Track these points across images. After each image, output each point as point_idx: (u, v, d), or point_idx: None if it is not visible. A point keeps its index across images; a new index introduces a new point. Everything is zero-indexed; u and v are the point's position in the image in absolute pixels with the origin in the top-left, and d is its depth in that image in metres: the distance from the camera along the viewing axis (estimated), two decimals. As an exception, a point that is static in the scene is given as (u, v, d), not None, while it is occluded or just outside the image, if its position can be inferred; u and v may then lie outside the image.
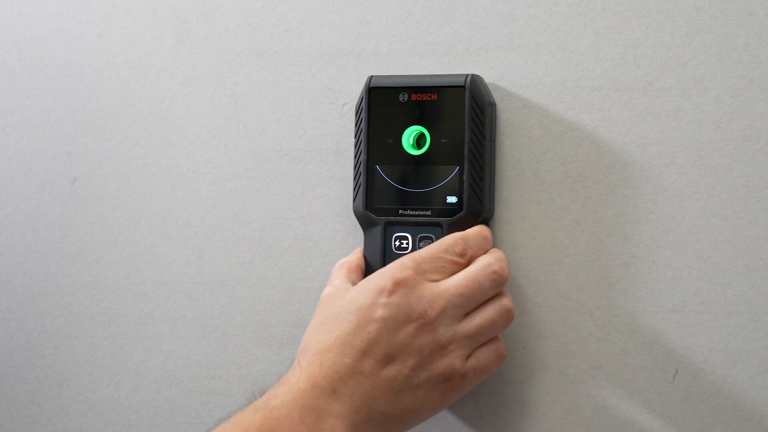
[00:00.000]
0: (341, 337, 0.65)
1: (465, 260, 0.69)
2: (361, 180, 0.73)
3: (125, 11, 0.84)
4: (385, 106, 0.73)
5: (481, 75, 0.74)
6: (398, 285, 0.65)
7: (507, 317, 0.68)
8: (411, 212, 0.72)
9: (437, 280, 0.67)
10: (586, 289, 0.73)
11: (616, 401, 0.72)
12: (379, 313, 0.65)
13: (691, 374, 0.71)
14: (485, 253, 0.70)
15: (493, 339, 0.69)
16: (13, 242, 0.86)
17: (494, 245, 0.74)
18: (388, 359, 0.64)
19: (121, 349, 0.83)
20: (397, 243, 0.73)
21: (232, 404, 0.80)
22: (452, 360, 0.65)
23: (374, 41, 0.78)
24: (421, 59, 0.77)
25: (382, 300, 0.65)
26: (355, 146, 0.74)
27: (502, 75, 0.75)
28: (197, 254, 0.81)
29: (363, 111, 0.74)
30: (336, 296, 0.69)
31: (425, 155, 0.72)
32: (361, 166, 0.73)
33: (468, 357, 0.67)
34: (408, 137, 0.73)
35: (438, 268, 0.67)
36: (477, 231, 0.70)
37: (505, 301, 0.69)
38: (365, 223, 0.74)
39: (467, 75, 0.72)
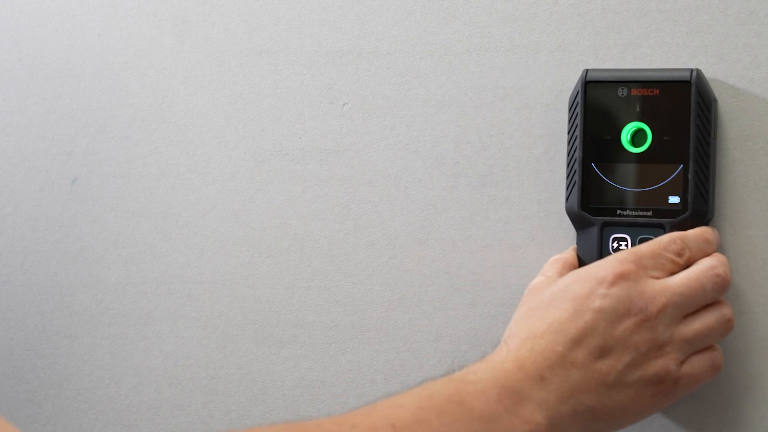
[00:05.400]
0: (554, 324, 0.62)
1: (682, 261, 0.66)
2: (576, 178, 0.70)
3: (125, 11, 0.84)
4: (603, 100, 0.70)
5: (483, 75, 0.74)
6: (619, 277, 0.63)
7: (726, 326, 0.65)
8: (630, 212, 0.69)
9: (657, 278, 0.64)
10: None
11: (616, 401, 0.72)
12: (597, 303, 0.62)
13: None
14: (705, 256, 0.66)
15: (709, 347, 0.65)
16: (13, 242, 0.85)
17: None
18: (603, 352, 0.61)
19: (121, 349, 0.83)
20: (615, 245, 0.69)
21: (232, 404, 0.80)
22: (667, 362, 0.62)
23: (374, 41, 0.78)
24: (421, 59, 0.77)
25: (601, 291, 0.62)
26: (569, 143, 0.71)
27: (502, 74, 0.75)
28: (197, 254, 0.81)
29: (578, 106, 0.70)
30: (547, 285, 0.66)
31: (646, 153, 0.69)
32: (576, 163, 0.70)
33: (683, 362, 0.64)
34: (626, 134, 0.70)
35: (658, 265, 0.65)
36: (698, 233, 0.67)
37: (726, 310, 0.65)
38: (580, 223, 0.70)
39: (692, 69, 0.68)
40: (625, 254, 0.64)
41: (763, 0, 0.70)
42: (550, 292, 0.65)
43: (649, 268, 0.64)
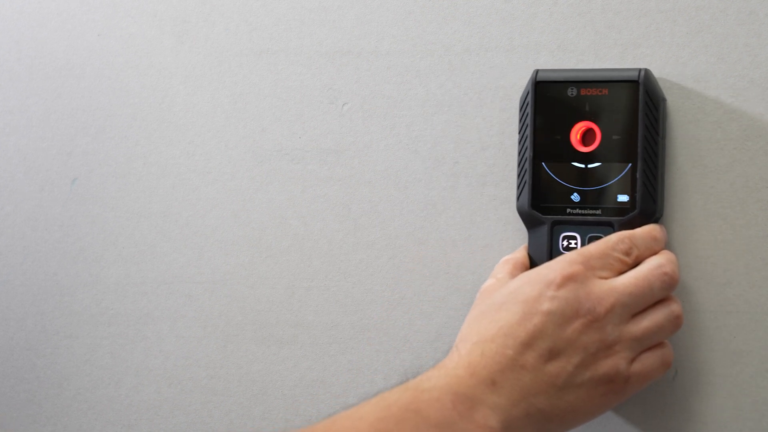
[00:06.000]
0: (504, 328, 0.62)
1: (630, 260, 0.66)
2: (526, 177, 0.71)
3: (125, 11, 0.84)
4: (553, 100, 0.71)
5: (483, 75, 0.74)
6: (567, 279, 0.63)
7: (675, 323, 0.66)
8: (580, 211, 0.70)
9: (606, 278, 0.65)
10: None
11: (616, 401, 0.72)
12: (546, 306, 0.63)
13: (691, 374, 0.71)
14: (653, 254, 0.67)
15: (659, 344, 0.66)
16: (13, 242, 0.86)
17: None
18: (552, 354, 0.62)
19: (121, 349, 0.83)
20: (565, 243, 0.70)
21: (231, 404, 0.80)
22: (617, 361, 0.63)
23: (374, 41, 0.78)
24: (421, 59, 0.77)
25: (550, 293, 0.63)
26: (520, 142, 0.71)
27: (502, 74, 0.75)
28: (197, 254, 0.81)
29: (529, 106, 0.71)
30: (498, 287, 0.67)
31: (595, 152, 0.70)
32: (526, 162, 0.71)
33: (632, 360, 0.64)
34: (576, 133, 0.70)
35: (606, 265, 0.65)
36: (646, 231, 0.68)
37: (675, 307, 0.66)
38: (530, 222, 0.71)
39: (640, 69, 0.69)
40: (573, 255, 0.65)
41: (763, 0, 0.70)
42: (500, 294, 0.65)
43: (597, 268, 0.65)
